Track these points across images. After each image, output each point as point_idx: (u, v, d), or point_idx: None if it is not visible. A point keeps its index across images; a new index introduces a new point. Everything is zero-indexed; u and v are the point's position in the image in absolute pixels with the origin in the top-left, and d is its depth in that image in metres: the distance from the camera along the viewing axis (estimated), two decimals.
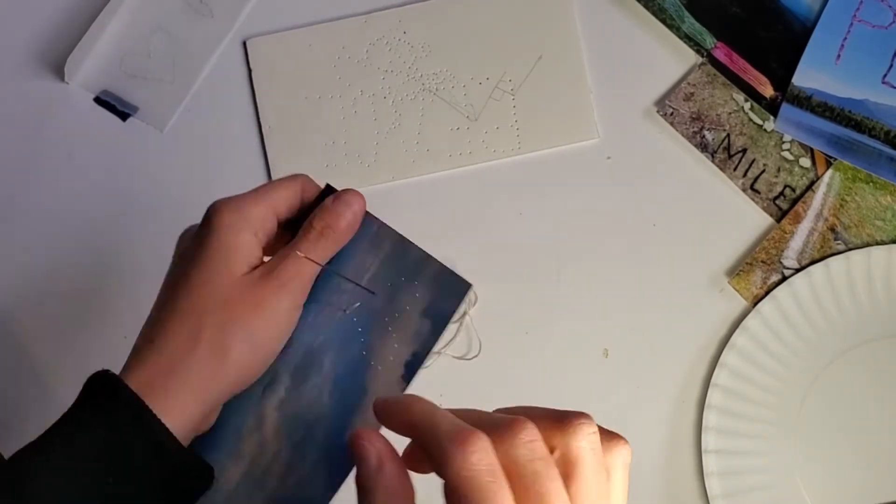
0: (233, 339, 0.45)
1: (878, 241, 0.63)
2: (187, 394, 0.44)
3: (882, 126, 0.62)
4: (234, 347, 0.45)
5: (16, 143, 0.67)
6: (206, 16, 0.67)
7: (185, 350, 0.45)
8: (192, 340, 0.45)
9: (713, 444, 0.62)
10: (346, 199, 0.49)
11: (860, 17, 0.63)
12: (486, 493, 0.32)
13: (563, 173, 0.65)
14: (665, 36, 0.65)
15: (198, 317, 0.45)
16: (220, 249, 0.46)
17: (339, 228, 0.48)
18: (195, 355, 0.45)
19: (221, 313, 0.45)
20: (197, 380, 0.45)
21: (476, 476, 0.32)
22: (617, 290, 0.64)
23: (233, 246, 0.46)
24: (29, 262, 0.66)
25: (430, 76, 0.66)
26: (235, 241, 0.46)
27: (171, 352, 0.45)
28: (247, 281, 0.46)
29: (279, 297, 0.46)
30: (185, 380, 0.44)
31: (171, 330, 0.45)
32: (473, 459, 0.33)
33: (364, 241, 0.50)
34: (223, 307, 0.45)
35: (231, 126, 0.66)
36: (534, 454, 0.34)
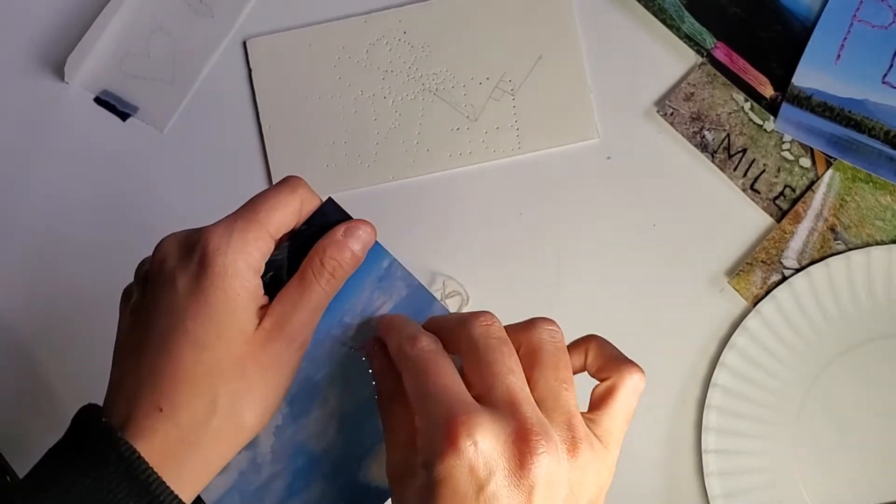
0: (248, 406, 0.42)
1: (878, 241, 0.63)
2: (200, 466, 0.42)
3: (882, 126, 0.62)
4: (249, 414, 0.42)
5: (15, 143, 0.67)
6: (206, 16, 0.67)
7: (200, 421, 0.41)
8: (207, 411, 0.41)
9: (713, 443, 0.62)
10: (357, 233, 0.45)
11: (860, 17, 0.63)
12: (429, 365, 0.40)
13: (563, 173, 0.65)
14: (665, 36, 0.65)
15: (211, 384, 0.41)
16: (227, 305, 0.41)
17: (348, 265, 0.45)
18: (211, 427, 0.41)
19: (236, 381, 0.42)
20: (212, 451, 0.42)
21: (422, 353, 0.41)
22: (617, 289, 0.64)
23: (242, 299, 0.42)
24: (29, 262, 0.66)
25: (430, 76, 0.66)
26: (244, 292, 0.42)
27: (185, 423, 0.41)
28: (258, 339, 0.42)
29: (290, 354, 0.43)
30: (198, 452, 0.41)
31: (180, 398, 0.41)
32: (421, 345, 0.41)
33: (372, 274, 0.47)
34: (236, 371, 0.42)
35: (231, 126, 0.66)
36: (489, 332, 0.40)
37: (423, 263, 0.65)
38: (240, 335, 0.42)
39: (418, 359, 0.41)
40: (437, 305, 0.47)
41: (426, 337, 0.42)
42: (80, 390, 0.47)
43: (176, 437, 0.41)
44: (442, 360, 0.41)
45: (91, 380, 0.54)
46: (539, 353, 0.41)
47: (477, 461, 0.37)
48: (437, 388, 0.39)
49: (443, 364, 0.41)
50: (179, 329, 0.41)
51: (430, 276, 0.64)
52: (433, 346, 0.42)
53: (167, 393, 0.41)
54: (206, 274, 0.41)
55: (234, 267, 0.41)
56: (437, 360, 0.41)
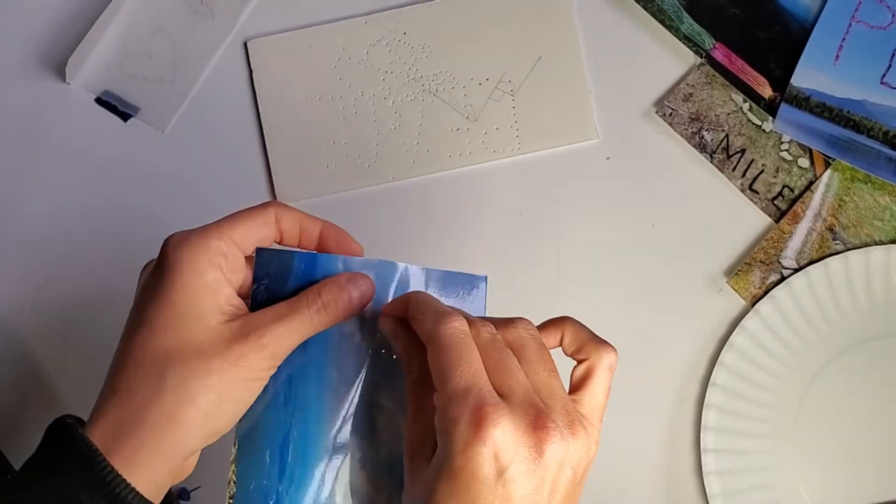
0: (201, 389, 0.42)
1: (876, 241, 0.63)
2: (154, 447, 0.42)
3: (880, 126, 0.62)
4: (203, 398, 0.42)
5: (16, 144, 0.67)
6: (207, 17, 0.67)
7: (149, 401, 0.42)
8: (156, 391, 0.42)
9: (712, 443, 0.62)
10: (360, 283, 0.46)
11: (859, 17, 0.64)
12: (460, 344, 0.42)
13: (562, 173, 0.65)
14: (664, 37, 0.65)
15: (163, 365, 0.42)
16: (183, 292, 0.43)
17: (342, 308, 0.45)
18: (164, 406, 0.42)
19: (191, 362, 0.42)
20: (169, 432, 0.42)
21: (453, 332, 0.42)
22: (616, 289, 0.64)
23: (199, 288, 0.43)
24: (29, 262, 0.66)
25: (430, 77, 0.66)
26: (201, 282, 0.43)
27: (136, 403, 0.42)
28: (225, 332, 0.43)
29: (259, 355, 0.43)
30: (150, 433, 0.42)
31: (134, 380, 0.42)
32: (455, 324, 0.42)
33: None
34: (194, 356, 0.42)
35: (232, 127, 0.67)
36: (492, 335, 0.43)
37: (423, 263, 0.65)
38: (197, 323, 0.43)
39: (452, 338, 0.42)
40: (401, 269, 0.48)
41: (457, 316, 0.43)
42: (81, 389, 0.47)
43: (130, 418, 0.42)
44: (472, 344, 0.42)
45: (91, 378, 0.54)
46: (524, 350, 0.44)
47: (501, 448, 0.39)
48: (469, 374, 0.41)
49: (473, 349, 0.42)
50: (136, 318, 0.43)
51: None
52: (465, 328, 0.43)
53: (122, 376, 0.43)
54: (162, 267, 0.43)
55: (189, 261, 0.43)
56: (469, 344, 0.42)
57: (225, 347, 0.43)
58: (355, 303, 0.46)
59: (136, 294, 0.46)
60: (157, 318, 0.43)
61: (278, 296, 0.45)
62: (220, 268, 0.44)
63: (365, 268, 0.47)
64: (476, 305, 0.50)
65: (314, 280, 0.46)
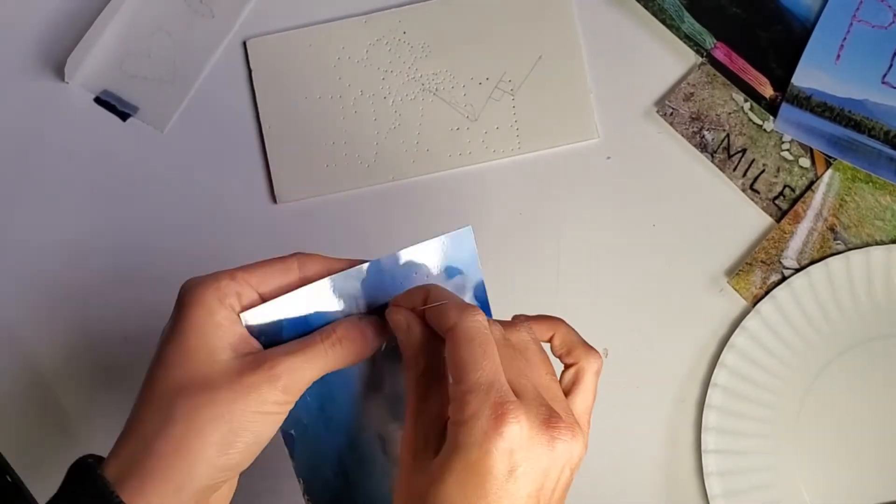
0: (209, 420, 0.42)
1: (877, 241, 0.63)
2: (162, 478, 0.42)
3: (882, 126, 0.62)
4: (209, 428, 0.42)
5: (15, 143, 0.67)
6: (207, 16, 0.67)
7: (158, 432, 0.42)
8: (165, 422, 0.42)
9: (713, 443, 0.62)
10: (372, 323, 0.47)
11: (860, 17, 0.63)
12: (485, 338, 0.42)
13: (562, 173, 0.65)
14: (665, 36, 0.65)
15: (171, 397, 0.43)
16: (194, 329, 0.43)
17: (357, 344, 0.46)
18: (167, 437, 0.42)
19: (200, 394, 0.42)
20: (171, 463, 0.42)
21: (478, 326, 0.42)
22: (617, 289, 0.64)
23: (210, 325, 0.44)
24: (28, 262, 0.66)
25: (430, 76, 0.66)
26: (211, 319, 0.44)
27: (146, 436, 0.42)
28: (235, 366, 0.43)
29: (271, 387, 0.43)
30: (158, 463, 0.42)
31: (144, 412, 0.43)
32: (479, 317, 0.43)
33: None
34: (203, 388, 0.42)
35: (231, 126, 0.66)
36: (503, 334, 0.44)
37: None
38: (207, 357, 0.43)
39: (477, 332, 0.42)
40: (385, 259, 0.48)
41: (480, 310, 0.43)
42: (81, 390, 0.47)
43: (140, 450, 0.42)
44: (492, 340, 0.43)
45: (91, 380, 0.54)
46: (528, 352, 0.45)
47: (517, 445, 0.40)
48: (491, 369, 0.41)
49: (494, 345, 0.42)
50: (153, 360, 0.44)
51: None
52: (486, 323, 0.43)
53: (135, 412, 0.43)
54: (176, 309, 0.44)
55: (199, 300, 0.44)
56: (491, 340, 0.42)
57: (235, 379, 0.43)
58: (370, 341, 0.46)
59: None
60: (169, 355, 0.43)
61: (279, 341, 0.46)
62: (233, 308, 0.44)
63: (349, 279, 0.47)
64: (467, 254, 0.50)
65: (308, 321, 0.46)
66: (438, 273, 0.49)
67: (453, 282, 0.49)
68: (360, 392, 0.49)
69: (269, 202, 0.66)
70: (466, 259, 0.49)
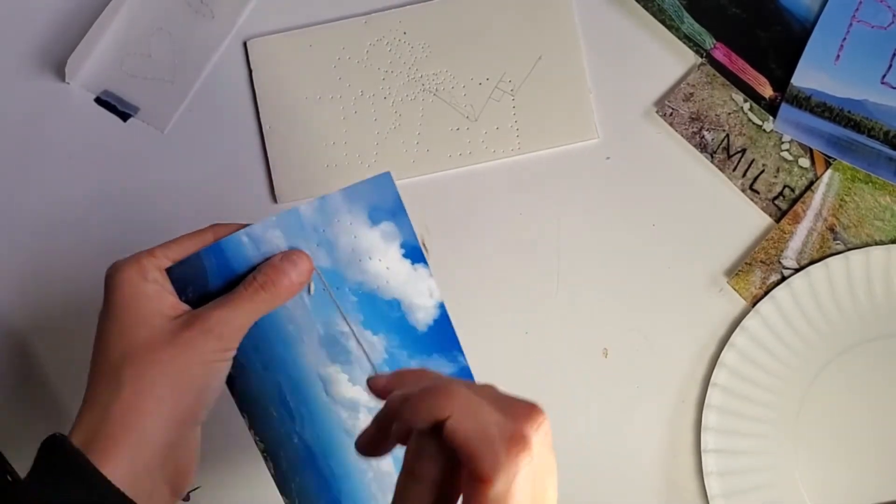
0: (156, 378, 0.45)
1: (877, 241, 0.63)
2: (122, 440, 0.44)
3: (881, 126, 0.62)
4: (157, 385, 0.45)
5: (16, 144, 0.67)
6: (207, 16, 0.67)
7: (111, 399, 0.45)
8: (115, 388, 0.45)
9: (713, 443, 0.62)
10: (293, 258, 0.49)
11: (859, 17, 0.63)
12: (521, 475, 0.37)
13: (562, 173, 0.65)
14: (664, 36, 0.65)
15: (117, 367, 0.45)
16: (124, 305, 0.47)
17: (281, 285, 0.48)
18: (120, 401, 0.45)
19: (142, 357, 0.45)
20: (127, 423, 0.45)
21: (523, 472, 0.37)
22: (616, 289, 0.64)
23: (137, 297, 0.47)
24: (29, 262, 0.66)
25: (430, 76, 0.66)
26: (139, 293, 0.47)
27: (101, 405, 0.45)
28: (170, 328, 0.46)
29: (207, 338, 0.46)
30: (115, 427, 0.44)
31: (96, 386, 0.46)
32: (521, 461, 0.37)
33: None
34: (144, 352, 0.45)
35: (231, 126, 0.67)
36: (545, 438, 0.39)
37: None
38: (143, 326, 0.46)
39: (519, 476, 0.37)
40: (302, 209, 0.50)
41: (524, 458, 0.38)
42: (80, 389, 0.47)
43: (98, 419, 0.45)
44: None
45: None
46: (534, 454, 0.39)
47: None
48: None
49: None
50: (96, 339, 0.47)
51: None
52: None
53: (88, 390, 0.46)
54: (107, 290, 0.48)
55: (124, 280, 0.47)
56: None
57: (173, 339, 0.46)
58: (294, 279, 0.49)
59: None
60: (108, 332, 0.47)
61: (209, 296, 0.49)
62: (158, 281, 0.48)
63: (267, 228, 0.49)
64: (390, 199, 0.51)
65: (232, 267, 0.49)
66: (363, 219, 0.51)
67: (380, 228, 0.51)
68: (294, 335, 0.51)
69: (270, 202, 0.66)
70: (391, 206, 0.51)
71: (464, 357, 0.52)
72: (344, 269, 0.51)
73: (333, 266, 0.51)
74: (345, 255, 0.51)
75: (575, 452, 0.64)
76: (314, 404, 0.51)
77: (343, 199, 0.50)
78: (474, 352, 0.64)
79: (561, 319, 0.64)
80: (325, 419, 0.51)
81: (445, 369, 0.52)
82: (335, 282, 0.51)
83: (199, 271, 0.49)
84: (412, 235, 0.51)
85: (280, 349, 0.51)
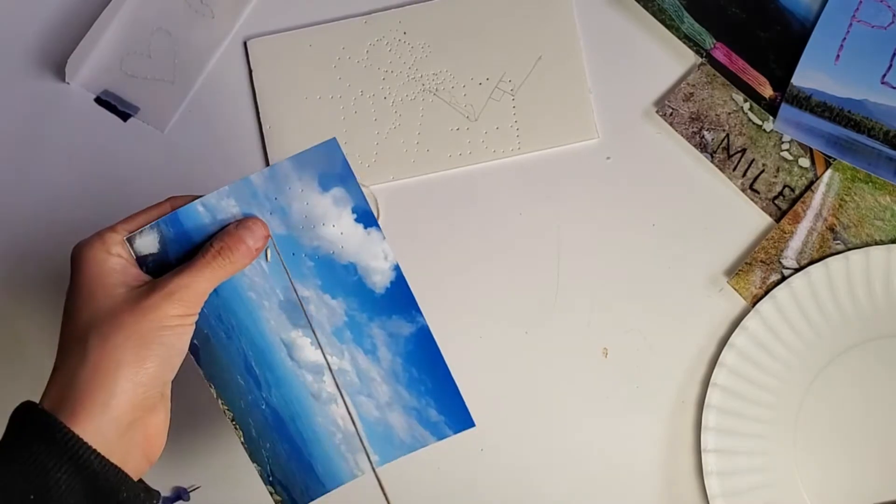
0: (119, 341, 0.47)
1: (877, 241, 0.63)
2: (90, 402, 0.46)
3: (881, 126, 0.62)
4: (120, 348, 0.47)
5: (16, 144, 0.67)
6: (207, 16, 0.67)
7: (78, 364, 0.47)
8: (82, 353, 0.47)
9: (712, 443, 0.62)
10: (248, 224, 0.51)
11: (859, 17, 0.64)
12: None
13: (562, 173, 0.65)
14: (664, 36, 0.65)
15: (83, 334, 0.47)
16: (89, 278, 0.49)
17: (238, 251, 0.50)
18: (86, 364, 0.46)
19: (107, 323, 0.47)
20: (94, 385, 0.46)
21: None
22: (616, 289, 0.64)
23: (101, 271, 0.49)
24: (29, 261, 0.66)
25: (430, 76, 0.66)
26: (102, 266, 0.49)
27: (70, 369, 0.47)
28: (133, 296, 0.48)
29: (168, 303, 0.48)
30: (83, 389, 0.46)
31: (64, 354, 0.48)
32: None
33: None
34: (109, 318, 0.47)
35: (232, 126, 0.67)
36: None
37: (423, 263, 0.65)
38: (107, 296, 0.48)
39: None
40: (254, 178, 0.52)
41: None
42: None
43: (67, 383, 0.46)
44: None
45: None
46: None
47: None
48: None
49: None
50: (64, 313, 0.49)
51: (430, 279, 0.64)
52: None
53: (58, 357, 0.48)
54: (73, 268, 0.50)
55: (87, 256, 0.49)
56: None
57: (136, 306, 0.48)
58: (250, 244, 0.51)
59: None
60: (75, 305, 0.49)
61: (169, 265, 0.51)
62: (121, 255, 0.50)
63: (222, 197, 0.51)
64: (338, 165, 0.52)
65: (190, 236, 0.51)
66: (313, 185, 0.52)
67: (331, 194, 0.52)
68: (255, 301, 0.52)
69: None
70: (339, 171, 0.52)
71: (422, 316, 0.53)
72: (299, 235, 0.53)
73: (288, 232, 0.52)
74: (298, 221, 0.52)
75: (575, 452, 0.64)
76: (279, 370, 0.53)
77: (293, 166, 0.52)
78: (474, 351, 0.64)
79: (561, 319, 0.65)
80: (291, 384, 0.53)
81: (405, 329, 0.54)
82: (291, 247, 0.53)
83: (159, 241, 0.51)
84: (363, 200, 0.53)
85: (242, 316, 0.52)
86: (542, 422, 0.64)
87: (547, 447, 0.64)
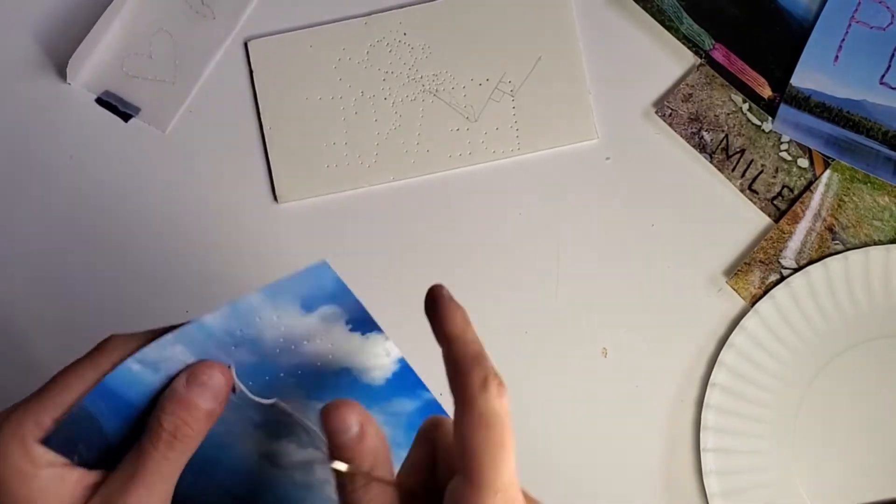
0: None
1: (876, 241, 0.63)
2: None
3: (880, 127, 0.62)
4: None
5: (17, 144, 0.67)
6: (208, 17, 0.67)
7: None
8: None
9: (712, 442, 0.62)
10: (201, 379, 0.38)
11: (858, 18, 0.64)
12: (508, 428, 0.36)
13: (562, 174, 0.65)
14: (663, 37, 0.65)
15: None
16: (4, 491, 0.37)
17: (195, 423, 0.38)
18: None
19: None
20: None
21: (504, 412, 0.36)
22: (615, 289, 0.64)
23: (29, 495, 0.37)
24: (30, 263, 0.66)
25: (431, 77, 0.66)
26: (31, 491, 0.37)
27: None
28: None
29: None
30: None
31: None
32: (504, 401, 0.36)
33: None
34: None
35: (232, 127, 0.67)
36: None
37: (423, 264, 0.65)
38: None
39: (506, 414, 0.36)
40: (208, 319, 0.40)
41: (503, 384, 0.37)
42: None
43: None
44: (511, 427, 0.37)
45: None
46: None
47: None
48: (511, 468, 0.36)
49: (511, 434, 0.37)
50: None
51: (430, 279, 0.64)
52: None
53: None
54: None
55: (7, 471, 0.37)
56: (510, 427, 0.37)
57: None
58: (208, 405, 0.38)
59: None
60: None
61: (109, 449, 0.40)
62: (51, 463, 0.38)
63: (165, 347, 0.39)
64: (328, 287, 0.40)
65: (130, 402, 0.39)
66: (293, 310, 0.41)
67: (318, 313, 0.41)
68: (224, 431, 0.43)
69: (271, 201, 0.66)
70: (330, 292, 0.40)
71: (429, 392, 0.45)
72: (274, 359, 0.42)
73: (260, 360, 0.41)
74: (273, 346, 0.41)
75: (574, 452, 0.64)
76: (264, 479, 0.45)
77: (264, 298, 0.40)
78: None
79: (560, 319, 0.65)
80: (279, 486, 0.46)
81: (407, 406, 0.45)
82: (265, 373, 0.42)
83: (88, 422, 0.39)
84: (360, 310, 0.41)
85: (212, 452, 0.43)
86: (542, 421, 0.64)
87: (546, 447, 0.64)
